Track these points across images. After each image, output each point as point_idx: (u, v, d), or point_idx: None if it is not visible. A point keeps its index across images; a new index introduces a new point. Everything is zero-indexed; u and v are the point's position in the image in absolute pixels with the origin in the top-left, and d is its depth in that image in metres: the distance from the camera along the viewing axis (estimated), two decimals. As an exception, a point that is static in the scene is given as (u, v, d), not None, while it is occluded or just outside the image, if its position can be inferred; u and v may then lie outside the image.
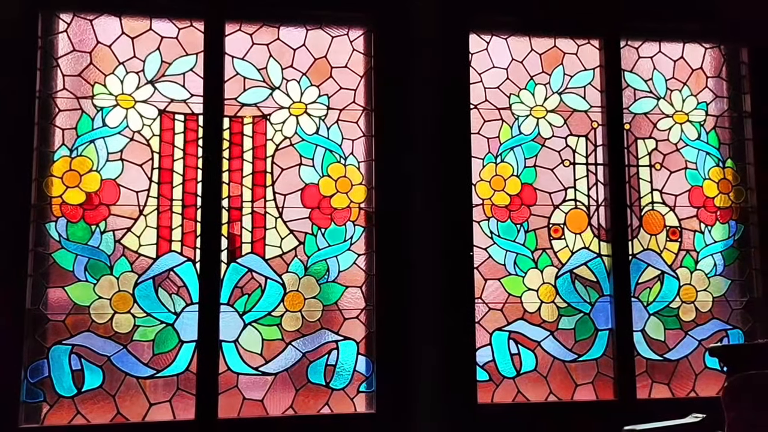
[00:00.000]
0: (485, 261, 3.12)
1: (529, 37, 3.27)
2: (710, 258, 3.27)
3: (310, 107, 3.07)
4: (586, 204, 3.23)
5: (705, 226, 3.29)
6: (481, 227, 3.13)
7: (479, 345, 3.05)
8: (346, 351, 2.97)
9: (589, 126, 3.27)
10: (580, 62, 3.30)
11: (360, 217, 3.06)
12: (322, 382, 2.94)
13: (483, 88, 3.21)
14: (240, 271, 2.93)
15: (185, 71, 2.99)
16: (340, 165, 3.07)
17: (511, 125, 3.22)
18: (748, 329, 3.26)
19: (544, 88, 3.26)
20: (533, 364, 3.10)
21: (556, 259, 3.18)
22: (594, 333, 3.15)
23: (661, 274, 3.23)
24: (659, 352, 3.19)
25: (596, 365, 3.14)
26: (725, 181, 3.33)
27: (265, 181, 3.01)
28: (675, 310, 3.22)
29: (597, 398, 3.11)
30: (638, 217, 3.24)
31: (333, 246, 3.01)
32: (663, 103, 3.33)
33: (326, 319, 2.98)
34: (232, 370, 2.87)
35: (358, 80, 3.12)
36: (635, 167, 3.27)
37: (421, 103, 3.09)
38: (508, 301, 3.12)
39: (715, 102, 3.38)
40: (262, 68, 3.05)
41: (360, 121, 3.11)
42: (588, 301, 3.17)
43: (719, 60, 3.41)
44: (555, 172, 3.23)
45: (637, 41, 3.33)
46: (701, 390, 3.17)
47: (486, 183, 3.17)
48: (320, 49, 3.11)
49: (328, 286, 2.99)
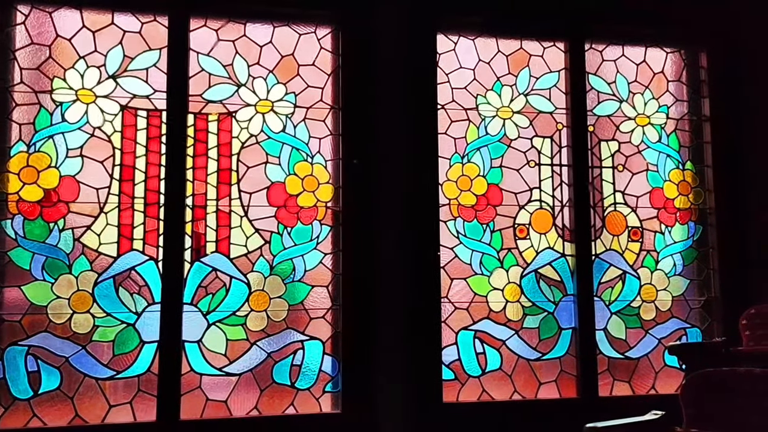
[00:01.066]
0: (451, 261, 3.13)
1: (496, 38, 3.30)
2: (670, 258, 3.35)
3: (276, 105, 3.04)
4: (550, 204, 3.27)
5: (665, 227, 3.36)
6: (448, 227, 3.15)
7: (445, 344, 3.06)
8: (312, 351, 2.95)
9: (554, 127, 3.32)
10: (546, 64, 3.34)
11: (327, 216, 3.04)
12: (288, 383, 2.92)
13: (450, 89, 3.22)
14: (204, 270, 2.89)
15: (148, 66, 2.93)
16: (306, 163, 3.05)
17: (478, 126, 3.24)
18: (705, 328, 3.35)
19: (511, 89, 3.29)
20: (498, 363, 3.13)
21: (521, 258, 3.21)
22: (558, 332, 3.20)
23: (622, 274, 3.29)
24: (620, 350, 3.25)
25: (560, 363, 3.18)
26: (685, 183, 3.41)
27: (231, 179, 2.97)
28: (636, 309, 3.29)
29: (560, 396, 3.15)
30: (601, 217, 3.30)
31: (299, 245, 2.99)
32: (626, 105, 3.39)
33: (292, 318, 2.95)
34: (195, 370, 2.82)
35: (326, 78, 3.11)
36: (598, 168, 3.33)
37: (389, 102, 3.09)
38: (474, 300, 3.14)
39: (676, 105, 3.46)
40: (227, 65, 3.01)
41: (327, 119, 3.09)
42: (552, 300, 3.21)
43: (680, 64, 3.49)
44: (520, 172, 3.26)
45: (601, 44, 3.39)
46: (661, 387, 3.24)
47: (453, 183, 3.18)
48: (287, 47, 3.09)
49: (294, 285, 2.97)
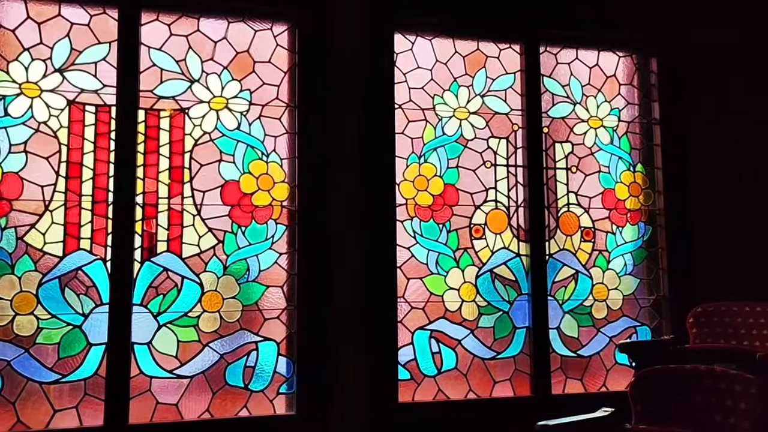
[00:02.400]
0: (408, 260, 3.13)
1: (453, 39, 3.32)
2: (621, 258, 3.42)
3: (231, 102, 2.99)
4: (506, 205, 3.30)
5: (616, 227, 3.43)
6: (404, 227, 3.14)
7: (401, 344, 3.06)
8: (266, 352, 2.91)
9: (510, 128, 3.35)
10: (502, 66, 3.37)
11: (282, 216, 3.00)
12: (241, 384, 2.87)
13: (407, 88, 3.22)
14: (155, 270, 2.82)
15: (97, 60, 2.85)
16: (262, 162, 3.00)
17: (435, 126, 3.25)
18: (655, 326, 3.43)
19: (467, 90, 3.31)
20: (454, 363, 3.14)
21: (477, 258, 3.23)
22: (512, 331, 3.23)
23: (575, 274, 3.35)
24: (573, 348, 3.30)
25: (514, 362, 3.22)
26: (635, 185, 3.49)
27: (183, 177, 2.90)
28: (588, 308, 3.35)
29: (514, 395, 3.19)
30: (555, 218, 3.35)
31: (254, 245, 2.94)
32: (579, 108, 3.45)
33: (246, 319, 2.91)
34: (144, 373, 2.75)
35: (282, 76, 3.07)
36: (553, 170, 3.37)
37: (346, 101, 3.07)
38: (430, 300, 3.15)
39: (627, 108, 3.53)
40: (180, 60, 2.95)
41: (283, 117, 3.05)
42: (507, 299, 3.24)
43: (631, 68, 3.57)
44: (477, 173, 3.28)
45: (556, 47, 3.44)
46: (612, 385, 3.30)
47: (409, 183, 3.18)
48: (242, 43, 3.04)
49: (248, 285, 2.92)
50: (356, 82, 3.09)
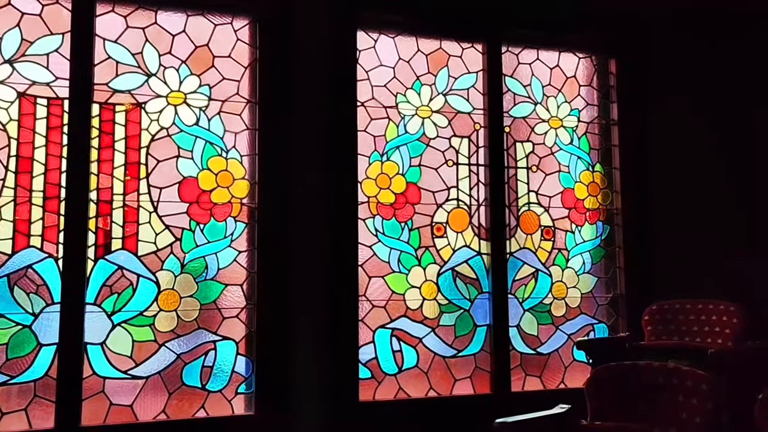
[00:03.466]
0: (370, 258, 3.12)
1: (416, 37, 3.31)
2: (580, 257, 3.47)
3: (189, 97, 2.93)
4: (467, 203, 3.32)
5: (575, 226, 3.48)
6: (366, 225, 3.13)
7: (362, 343, 3.05)
8: (225, 351, 2.87)
9: (472, 128, 3.37)
10: (464, 65, 3.38)
11: (242, 213, 2.96)
12: (198, 385, 2.81)
13: (370, 86, 3.21)
14: (109, 268, 2.74)
15: (49, 52, 2.76)
16: (221, 158, 2.95)
17: (398, 124, 3.24)
18: (612, 323, 3.49)
19: (430, 88, 3.31)
20: (415, 361, 3.14)
21: (438, 257, 3.24)
22: (473, 329, 3.25)
23: (535, 272, 3.38)
24: (533, 346, 3.34)
25: (474, 360, 3.23)
26: (594, 185, 3.55)
27: (139, 173, 2.83)
28: (547, 306, 3.38)
29: (474, 392, 3.21)
30: (516, 216, 3.38)
31: (212, 242, 2.89)
32: (540, 108, 3.49)
33: (204, 318, 2.85)
34: (97, 374, 2.68)
35: (242, 71, 3.02)
36: (514, 169, 3.40)
37: (308, 98, 3.04)
38: (392, 298, 3.14)
39: (587, 109, 3.59)
40: (137, 53, 2.88)
41: (244, 113, 3.00)
42: (468, 298, 3.26)
43: (591, 70, 3.62)
44: (439, 171, 3.29)
45: (518, 48, 3.47)
46: (570, 381, 3.35)
47: (372, 181, 3.17)
48: (202, 37, 2.98)
49: (207, 284, 2.87)
50: (318, 79, 3.06)
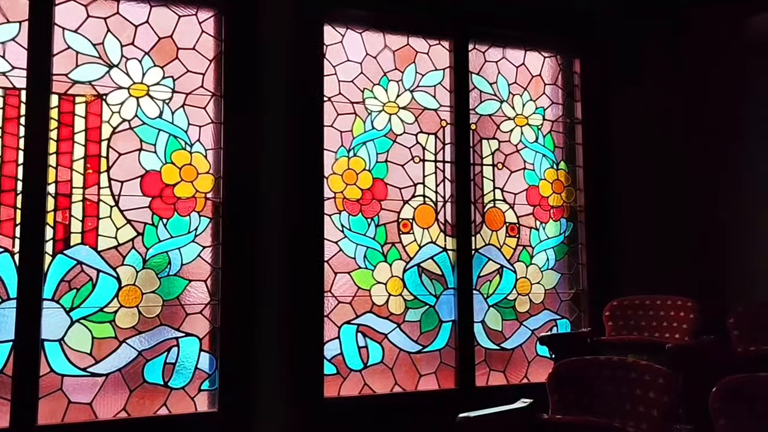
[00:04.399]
0: (336, 254, 3.11)
1: (384, 33, 3.31)
2: (544, 253, 3.52)
3: (152, 89, 2.87)
4: (434, 200, 3.33)
5: (540, 223, 3.53)
6: (333, 220, 3.12)
7: (327, 339, 3.04)
8: (188, 348, 2.83)
9: (439, 124, 3.38)
10: (431, 62, 3.39)
11: (206, 208, 2.92)
12: (160, 382, 2.77)
13: (337, 81, 3.19)
14: (67, 263, 2.68)
15: (6, 41, 2.67)
16: (185, 152, 2.90)
17: (364, 120, 3.24)
18: (574, 319, 3.55)
19: (397, 84, 3.32)
20: (380, 357, 3.15)
21: (404, 253, 3.25)
22: (438, 324, 3.27)
23: (500, 268, 3.42)
24: (497, 341, 3.37)
25: (439, 355, 3.26)
26: (558, 182, 3.60)
27: (100, 166, 2.77)
28: (512, 301, 3.42)
29: (439, 387, 3.23)
30: (481, 213, 3.41)
31: (176, 237, 2.85)
32: (506, 106, 3.52)
33: (166, 314, 2.81)
34: (55, 371, 2.61)
35: (207, 64, 2.98)
36: (479, 166, 3.43)
37: (274, 92, 3.01)
38: (357, 294, 3.14)
39: (552, 108, 3.63)
40: (98, 44, 2.81)
41: (208, 107, 2.96)
42: (433, 293, 3.28)
43: (556, 69, 3.67)
44: (405, 168, 3.29)
45: (484, 45, 3.49)
46: (533, 376, 3.39)
47: (338, 176, 3.16)
48: (166, 28, 2.92)
49: (170, 280, 2.83)
50: (285, 73, 3.03)
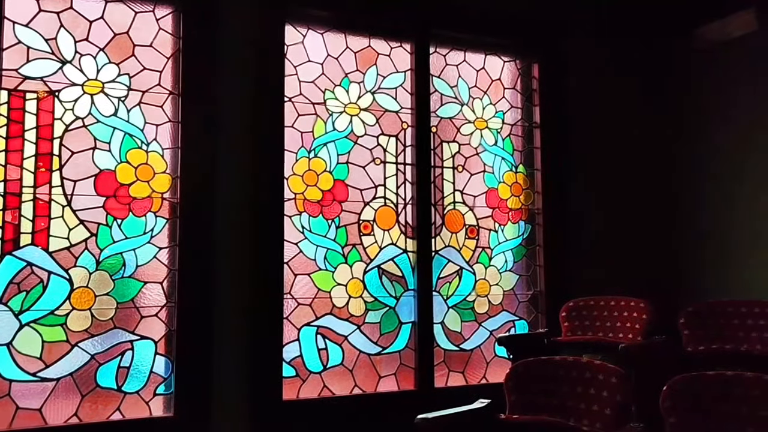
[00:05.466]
0: (296, 256, 3.09)
1: (345, 34, 3.31)
2: (502, 255, 3.56)
3: (107, 86, 2.81)
4: (394, 202, 3.34)
5: (499, 225, 3.57)
6: (293, 222, 3.10)
7: (287, 341, 3.02)
8: (143, 351, 2.77)
9: (400, 127, 3.39)
10: (393, 64, 3.40)
11: (163, 208, 2.86)
12: (114, 386, 2.71)
13: (298, 82, 3.17)
14: (17, 264, 2.59)
15: (-48, 33, 2.58)
16: (141, 151, 2.84)
17: (325, 121, 3.22)
18: (532, 320, 3.60)
19: (359, 86, 3.32)
20: (340, 359, 3.14)
21: (365, 254, 3.25)
22: (398, 326, 3.28)
23: (459, 270, 3.45)
24: (456, 342, 3.40)
25: (399, 357, 3.27)
26: (517, 185, 3.65)
27: (52, 164, 2.69)
28: (471, 303, 3.46)
29: (399, 389, 3.24)
30: (441, 215, 3.43)
31: (130, 238, 2.79)
32: (466, 109, 3.55)
33: (120, 317, 2.75)
34: (3, 377, 2.53)
35: (165, 61, 2.92)
36: (440, 168, 3.45)
37: (233, 91, 2.97)
38: (318, 296, 3.12)
39: (511, 111, 3.68)
40: (50, 39, 2.73)
41: (166, 105, 2.91)
42: (394, 295, 3.28)
43: (515, 73, 3.72)
44: (366, 169, 3.29)
45: (445, 48, 3.52)
46: (491, 377, 3.43)
47: (299, 177, 3.14)
48: (121, 25, 2.86)
49: (124, 281, 2.76)
50: (244, 72, 3.00)
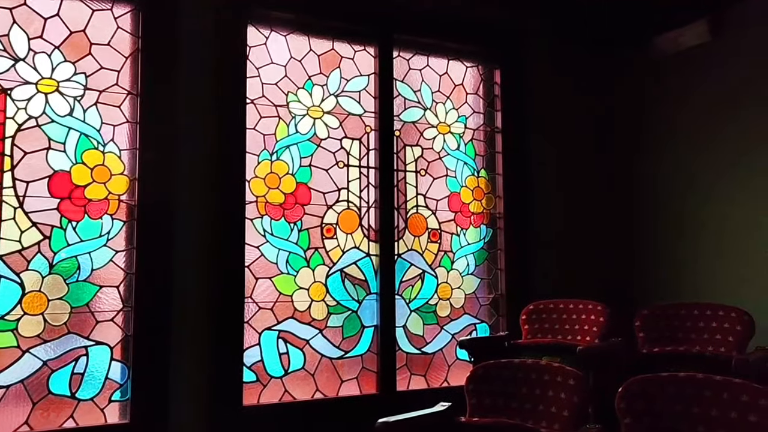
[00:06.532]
0: (257, 259, 3.06)
1: (309, 36, 3.29)
2: (464, 258, 3.59)
3: (63, 85, 2.74)
4: (357, 205, 3.34)
5: (461, 229, 3.60)
6: (254, 225, 3.07)
7: (247, 345, 2.98)
8: (98, 357, 2.70)
9: (363, 130, 3.39)
10: (357, 68, 3.40)
11: (120, 210, 2.80)
12: (67, 393, 2.63)
13: (260, 83, 3.14)
14: (-36, 268, 2.51)
15: None
16: (97, 152, 2.78)
17: (288, 123, 3.20)
18: (493, 323, 3.64)
19: (322, 89, 3.30)
20: (301, 363, 3.11)
21: (327, 258, 3.23)
22: (360, 330, 3.27)
23: (422, 273, 3.46)
24: (418, 346, 3.41)
25: (361, 361, 3.26)
26: (479, 189, 3.68)
27: (3, 165, 2.61)
28: (433, 306, 3.47)
29: (361, 393, 3.23)
30: (404, 219, 3.44)
31: (86, 241, 2.72)
32: (429, 113, 3.57)
33: (75, 322, 2.67)
34: (-51, 384, 2.44)
35: (123, 61, 2.86)
36: (403, 172, 3.46)
37: (194, 92, 2.93)
38: (279, 300, 3.10)
39: (473, 116, 3.72)
40: (2, 35, 2.65)
41: (124, 105, 2.85)
42: (356, 299, 3.28)
43: (477, 79, 3.76)
44: (329, 172, 3.28)
45: (409, 53, 3.54)
46: (453, 380, 3.45)
47: (261, 180, 3.11)
48: (78, 22, 2.79)
49: (79, 285, 2.69)
50: (206, 73, 2.96)
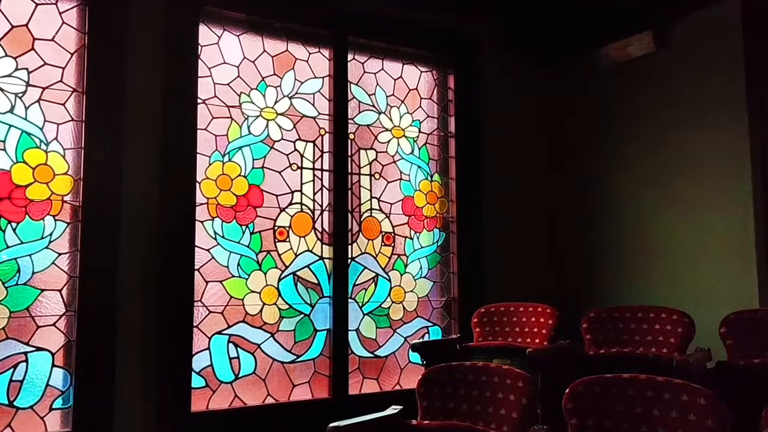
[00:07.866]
0: (207, 262, 3.00)
1: (262, 37, 3.26)
2: (417, 262, 3.60)
3: (3, 81, 2.63)
4: (311, 208, 3.31)
5: (414, 232, 3.61)
6: (205, 227, 3.01)
7: (197, 350, 2.92)
8: (38, 363, 2.60)
9: (317, 132, 3.37)
10: (311, 70, 3.38)
11: (63, 211, 2.71)
12: (5, 401, 2.53)
13: (212, 83, 3.10)
14: None
15: None
16: (40, 151, 2.68)
17: (241, 124, 3.16)
18: (445, 326, 3.66)
19: (275, 90, 3.27)
20: (252, 367, 3.07)
21: (280, 261, 3.20)
22: (313, 333, 3.24)
23: (375, 276, 3.46)
24: (371, 349, 3.41)
25: (314, 365, 3.23)
26: (432, 193, 3.71)
27: (-63, 163, 2.50)
28: (386, 309, 3.48)
29: (313, 397, 3.20)
30: (358, 222, 3.43)
31: (26, 243, 2.62)
32: (383, 117, 3.58)
33: (14, 327, 2.57)
34: None
35: (68, 57, 2.77)
36: (357, 175, 3.46)
37: (142, 90, 2.86)
38: (230, 303, 3.05)
39: (427, 121, 3.74)
40: (-62, 27, 2.54)
41: (68, 103, 2.76)
42: (309, 302, 3.25)
43: (432, 83, 3.79)
44: (283, 175, 3.25)
45: (363, 56, 3.54)
46: (405, 383, 3.46)
47: (212, 181, 3.06)
48: (20, 16, 2.69)
49: (19, 289, 2.59)
50: (154, 72, 2.89)
